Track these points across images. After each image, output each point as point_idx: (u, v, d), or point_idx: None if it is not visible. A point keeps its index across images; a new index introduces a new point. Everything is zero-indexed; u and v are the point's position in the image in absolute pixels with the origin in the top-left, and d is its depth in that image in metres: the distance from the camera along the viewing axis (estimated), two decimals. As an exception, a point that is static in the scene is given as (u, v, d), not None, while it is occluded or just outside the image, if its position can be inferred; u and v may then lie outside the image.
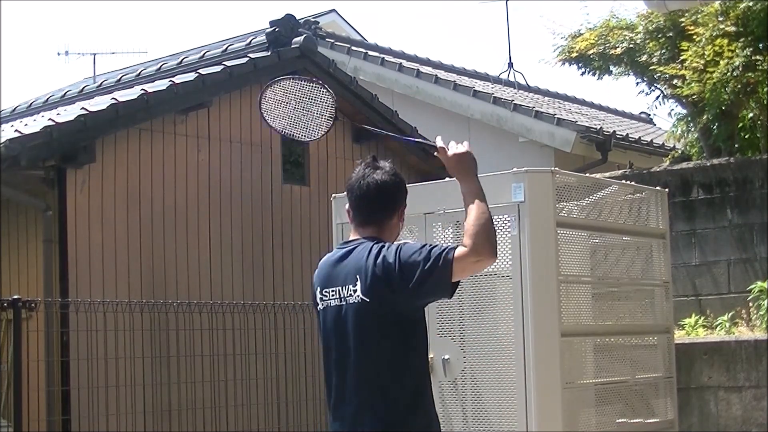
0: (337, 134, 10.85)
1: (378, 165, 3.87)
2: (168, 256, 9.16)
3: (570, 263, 6.48)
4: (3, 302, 7.53)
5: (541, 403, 6.04)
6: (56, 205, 8.56)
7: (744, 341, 7.97)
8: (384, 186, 3.83)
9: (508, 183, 6.17)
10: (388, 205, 3.86)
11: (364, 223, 3.85)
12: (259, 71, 10.01)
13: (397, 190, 3.88)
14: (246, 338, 9.15)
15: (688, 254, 9.75)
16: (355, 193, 3.85)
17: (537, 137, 12.82)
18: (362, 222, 3.86)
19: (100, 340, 8.26)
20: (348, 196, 3.91)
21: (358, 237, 3.86)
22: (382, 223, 3.85)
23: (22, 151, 8.12)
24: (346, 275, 3.77)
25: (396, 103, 12.74)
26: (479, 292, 6.32)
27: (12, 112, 12.87)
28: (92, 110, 8.75)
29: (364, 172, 3.84)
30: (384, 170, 3.86)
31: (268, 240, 9.96)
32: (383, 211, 3.86)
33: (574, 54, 11.71)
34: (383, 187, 3.83)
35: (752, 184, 9.56)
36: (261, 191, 10.00)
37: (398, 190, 3.89)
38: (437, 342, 6.40)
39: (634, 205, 7.20)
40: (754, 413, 7.76)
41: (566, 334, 6.26)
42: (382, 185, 3.82)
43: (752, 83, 9.89)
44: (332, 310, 3.82)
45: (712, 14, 10.07)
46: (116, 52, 19.18)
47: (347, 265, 3.78)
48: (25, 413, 7.52)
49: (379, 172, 3.84)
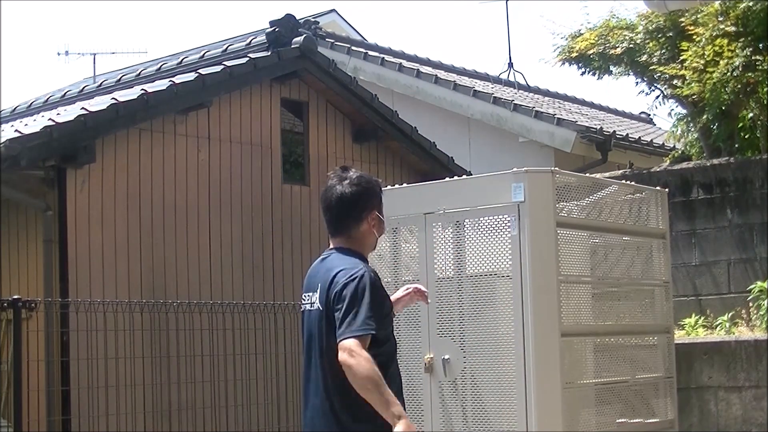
0: (337, 134, 10.85)
1: (344, 176, 4.01)
2: (168, 256, 9.16)
3: (570, 263, 6.48)
4: (3, 302, 7.53)
5: (541, 403, 6.04)
6: (56, 205, 8.55)
7: (744, 341, 7.96)
8: (344, 197, 3.97)
9: (508, 183, 6.17)
10: (352, 214, 3.99)
11: (335, 233, 4.04)
12: (259, 71, 10.01)
13: (361, 200, 3.99)
14: (246, 338, 9.14)
15: (688, 254, 9.75)
16: (323, 206, 4.05)
17: (537, 137, 12.83)
18: (333, 232, 4.05)
19: (100, 340, 8.26)
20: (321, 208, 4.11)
21: (333, 246, 4.07)
22: (350, 232, 4.01)
23: (22, 151, 8.11)
24: (315, 283, 3.99)
25: (396, 103, 12.74)
26: (479, 292, 6.32)
27: (12, 112, 12.87)
28: (92, 110, 8.74)
29: (330, 184, 4.02)
30: (349, 180, 3.99)
31: (268, 240, 9.96)
32: (349, 221, 4.00)
33: (574, 54, 11.71)
34: (344, 199, 3.97)
35: (752, 184, 9.56)
36: (261, 191, 10.00)
37: (361, 199, 4.00)
38: (437, 342, 6.40)
39: (634, 205, 7.20)
40: (754, 413, 7.76)
41: (566, 334, 6.26)
42: (342, 197, 3.97)
43: (752, 83, 9.88)
44: (306, 314, 4.05)
45: (712, 14, 10.07)
46: (116, 52, 19.20)
47: (318, 273, 4.01)
48: (25, 413, 7.51)
49: (343, 184, 3.99)
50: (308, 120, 10.66)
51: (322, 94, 10.73)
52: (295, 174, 10.52)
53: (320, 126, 10.73)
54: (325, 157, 10.65)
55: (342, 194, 3.96)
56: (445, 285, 6.45)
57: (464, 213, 6.40)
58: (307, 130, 10.64)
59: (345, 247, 4.00)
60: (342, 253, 3.98)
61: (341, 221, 4.00)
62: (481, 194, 6.37)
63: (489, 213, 6.26)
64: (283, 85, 10.38)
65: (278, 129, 10.33)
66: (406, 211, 6.53)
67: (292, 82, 10.45)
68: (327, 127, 10.79)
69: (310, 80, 10.54)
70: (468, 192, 6.49)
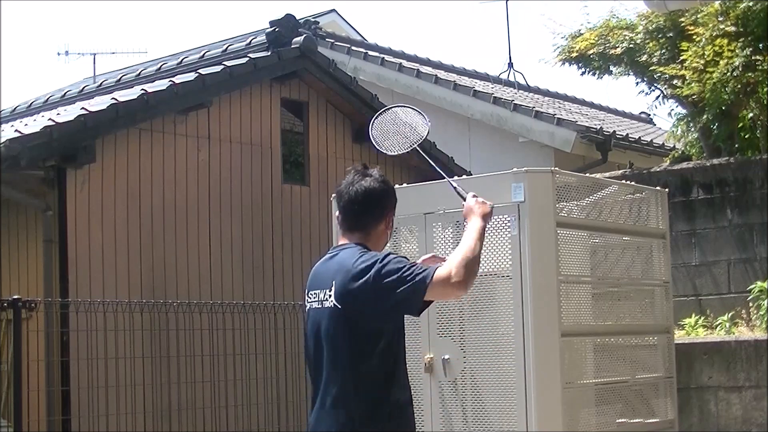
0: (337, 134, 10.86)
1: (367, 172, 3.95)
2: (168, 256, 9.16)
3: (570, 263, 6.48)
4: (3, 302, 7.53)
5: (541, 403, 6.04)
6: (56, 205, 8.56)
7: (744, 341, 7.96)
8: (372, 192, 3.89)
9: (508, 183, 6.17)
10: (375, 211, 3.91)
11: (352, 228, 3.91)
12: (259, 71, 10.01)
13: (385, 197, 3.94)
14: (246, 338, 9.15)
15: (688, 254, 9.75)
16: (343, 199, 3.92)
17: (537, 137, 12.83)
18: (349, 227, 3.92)
19: (100, 340, 8.26)
20: (337, 202, 3.98)
21: (346, 242, 3.92)
22: (368, 229, 3.90)
23: (22, 151, 8.12)
24: (326, 279, 3.84)
25: (396, 103, 12.72)
26: (479, 292, 6.31)
27: (12, 112, 12.87)
28: (92, 110, 8.75)
29: (353, 179, 3.92)
30: (373, 177, 3.93)
31: (268, 240, 9.96)
32: (370, 218, 3.91)
33: (574, 54, 11.71)
34: (371, 194, 3.89)
35: (752, 184, 9.56)
36: (261, 191, 10.00)
37: (386, 197, 3.94)
38: (437, 342, 6.40)
39: (634, 205, 7.20)
40: (754, 413, 7.76)
41: (566, 334, 6.26)
42: (370, 191, 3.88)
43: (752, 83, 9.88)
44: (313, 312, 3.93)
45: (712, 14, 10.07)
46: (116, 52, 19.20)
47: (329, 270, 3.86)
48: (25, 413, 7.51)
49: (368, 179, 3.91)
50: (308, 120, 10.66)
51: (322, 94, 10.73)
52: (295, 174, 10.52)
53: (320, 126, 10.73)
54: (325, 157, 10.65)
55: (370, 189, 3.88)
56: (445, 285, 6.44)
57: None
58: (307, 130, 10.64)
59: (359, 243, 3.87)
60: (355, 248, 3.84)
61: (362, 216, 3.89)
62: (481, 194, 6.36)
63: (489, 213, 6.24)
64: (283, 85, 10.38)
65: (278, 129, 10.33)
66: (406, 211, 6.51)
67: (292, 82, 10.46)
68: (327, 127, 10.79)
69: (310, 80, 10.55)
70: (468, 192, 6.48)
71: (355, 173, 3.94)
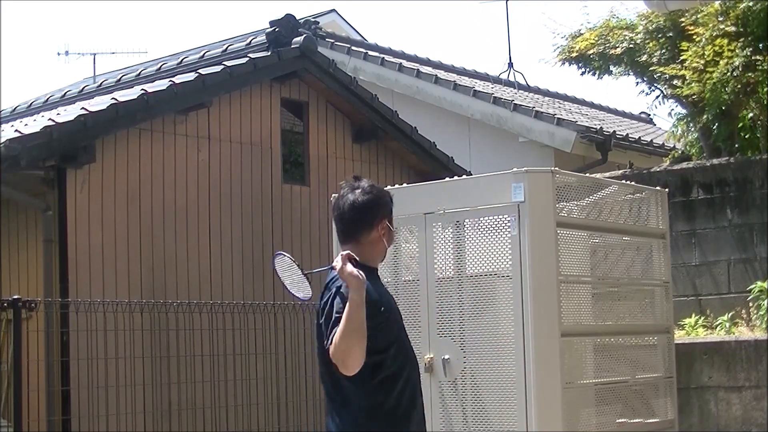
0: (337, 134, 10.85)
1: (356, 185, 4.12)
2: (168, 256, 9.16)
3: (570, 263, 6.48)
4: (3, 302, 7.53)
5: (541, 403, 6.04)
6: (56, 205, 8.55)
7: (744, 341, 7.97)
8: (358, 206, 4.07)
9: (508, 183, 6.17)
10: (361, 223, 4.08)
11: (345, 240, 4.11)
12: (259, 71, 10.01)
13: (373, 208, 4.10)
14: (246, 338, 9.14)
15: (688, 254, 9.75)
16: (335, 214, 4.14)
17: (537, 137, 12.82)
18: (343, 240, 4.13)
19: (100, 340, 8.26)
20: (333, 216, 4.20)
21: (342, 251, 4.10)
22: (359, 239, 4.08)
23: (22, 151, 8.11)
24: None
25: (396, 103, 12.74)
26: (479, 292, 6.32)
27: (12, 112, 12.87)
28: (92, 110, 8.74)
29: (342, 193, 4.12)
30: (361, 189, 4.10)
31: (268, 240, 9.95)
32: (359, 229, 4.08)
33: (574, 54, 11.72)
34: (357, 207, 4.07)
35: (752, 184, 9.56)
36: (261, 191, 10.00)
37: (373, 207, 4.10)
38: (437, 342, 6.40)
39: (634, 205, 7.20)
40: (754, 413, 7.76)
41: (566, 334, 6.26)
42: (355, 205, 4.07)
43: (752, 83, 9.89)
44: None
45: (712, 14, 10.07)
46: (116, 52, 19.21)
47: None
48: (25, 413, 7.51)
49: (355, 192, 4.10)
50: (308, 120, 10.66)
51: (322, 94, 10.73)
52: (295, 174, 10.52)
53: (320, 126, 10.73)
54: (325, 157, 10.65)
55: (354, 202, 4.06)
56: (445, 285, 6.45)
57: (464, 213, 6.40)
58: (307, 130, 10.64)
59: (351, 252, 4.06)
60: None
61: (352, 228, 4.08)
62: (481, 194, 6.38)
63: (489, 213, 6.26)
64: (283, 85, 10.38)
65: (278, 129, 10.33)
66: (406, 211, 6.52)
67: (292, 82, 10.45)
68: (327, 127, 10.79)
69: (310, 80, 10.54)
70: (468, 192, 6.49)
71: (346, 186, 4.14)
